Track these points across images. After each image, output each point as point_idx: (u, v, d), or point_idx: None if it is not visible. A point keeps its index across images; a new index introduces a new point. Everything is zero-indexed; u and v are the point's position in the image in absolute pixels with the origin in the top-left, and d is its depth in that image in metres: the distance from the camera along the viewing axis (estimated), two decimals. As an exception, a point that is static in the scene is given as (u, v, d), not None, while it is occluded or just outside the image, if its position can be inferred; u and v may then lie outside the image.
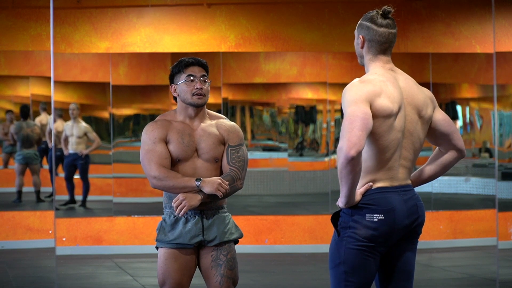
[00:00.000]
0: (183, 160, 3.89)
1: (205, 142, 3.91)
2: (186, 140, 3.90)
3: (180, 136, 3.90)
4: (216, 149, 3.92)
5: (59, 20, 8.84)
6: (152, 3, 9.09)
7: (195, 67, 3.94)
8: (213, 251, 3.90)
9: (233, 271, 3.92)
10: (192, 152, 3.91)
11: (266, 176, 10.19)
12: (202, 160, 3.91)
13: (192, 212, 3.89)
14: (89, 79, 9.59)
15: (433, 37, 9.30)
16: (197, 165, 3.90)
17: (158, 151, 3.87)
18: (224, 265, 3.89)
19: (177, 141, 3.89)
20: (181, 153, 3.88)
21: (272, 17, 9.17)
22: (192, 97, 3.91)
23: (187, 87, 3.91)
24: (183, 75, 3.92)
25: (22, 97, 9.99)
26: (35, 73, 9.73)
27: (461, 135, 10.29)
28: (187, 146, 3.89)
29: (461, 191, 10.04)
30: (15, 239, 9.04)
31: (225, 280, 3.89)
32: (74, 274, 7.61)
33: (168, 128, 3.92)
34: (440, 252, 8.74)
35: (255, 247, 8.87)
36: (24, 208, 9.59)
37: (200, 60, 3.96)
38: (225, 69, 9.37)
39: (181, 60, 3.96)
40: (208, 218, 3.90)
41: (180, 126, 3.93)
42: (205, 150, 3.91)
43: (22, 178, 9.82)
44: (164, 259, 3.88)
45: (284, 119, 10.08)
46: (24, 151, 9.80)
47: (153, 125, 3.92)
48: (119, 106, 9.40)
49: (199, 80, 3.92)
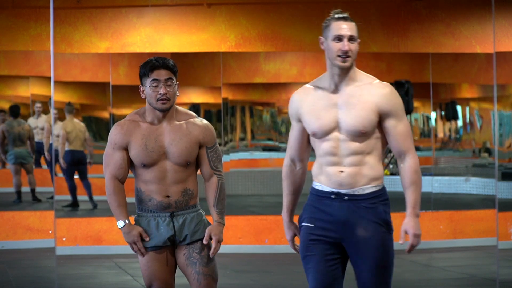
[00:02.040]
0: (149, 165, 3.86)
1: (177, 146, 3.87)
2: (150, 145, 3.86)
3: (144, 141, 3.86)
4: (189, 153, 3.89)
5: (59, 20, 8.84)
6: (152, 3, 9.09)
7: (160, 70, 3.84)
8: (185, 249, 3.92)
9: (209, 268, 3.92)
10: (159, 156, 3.86)
11: (266, 176, 10.19)
12: (172, 163, 3.88)
13: (162, 214, 3.90)
14: (89, 79, 9.59)
15: (433, 37, 9.30)
16: (166, 168, 3.87)
17: (114, 158, 3.90)
18: (199, 262, 3.91)
19: (139, 148, 3.85)
20: (145, 158, 3.85)
21: (272, 17, 9.17)
22: (156, 102, 3.85)
23: (152, 92, 3.85)
24: (148, 79, 3.86)
25: (22, 97, 9.99)
26: (35, 73, 9.73)
27: (461, 135, 10.32)
28: (152, 151, 3.85)
29: (461, 191, 10.04)
30: (15, 239, 9.04)
31: (203, 278, 3.90)
32: (74, 274, 7.61)
33: (132, 133, 3.88)
34: (440, 252, 8.74)
35: (255, 247, 8.87)
36: (24, 208, 9.59)
37: (166, 62, 3.86)
38: (225, 69, 9.37)
39: (147, 62, 3.87)
40: (178, 218, 3.91)
41: (146, 130, 3.89)
42: (177, 154, 3.87)
43: (19, 178, 9.80)
44: (146, 262, 3.91)
45: (284, 119, 10.08)
46: (16, 150, 9.78)
47: (117, 129, 3.91)
48: (119, 106, 9.40)
49: (164, 84, 3.84)
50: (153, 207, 3.90)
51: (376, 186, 3.51)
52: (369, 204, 3.49)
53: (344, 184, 3.49)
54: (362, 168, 3.49)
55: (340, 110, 3.50)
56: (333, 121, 3.50)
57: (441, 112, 10.17)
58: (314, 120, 3.52)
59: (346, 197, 3.50)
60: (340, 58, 3.47)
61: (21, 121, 9.85)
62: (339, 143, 3.50)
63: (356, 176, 3.49)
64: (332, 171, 3.51)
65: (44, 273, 7.68)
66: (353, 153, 3.49)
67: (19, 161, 9.78)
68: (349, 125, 3.47)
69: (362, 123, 3.46)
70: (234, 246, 8.83)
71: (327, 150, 3.51)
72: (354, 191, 3.50)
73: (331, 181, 3.52)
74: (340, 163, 3.50)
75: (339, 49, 3.47)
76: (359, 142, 3.48)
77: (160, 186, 3.87)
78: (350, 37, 3.49)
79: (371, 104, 3.47)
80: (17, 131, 9.79)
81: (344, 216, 3.50)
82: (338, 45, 3.48)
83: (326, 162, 3.53)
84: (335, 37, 3.50)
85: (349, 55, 3.47)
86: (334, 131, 3.50)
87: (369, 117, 3.46)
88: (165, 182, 3.87)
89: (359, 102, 3.48)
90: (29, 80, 9.89)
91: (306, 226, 3.61)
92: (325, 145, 3.52)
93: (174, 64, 3.90)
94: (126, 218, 3.89)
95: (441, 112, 10.18)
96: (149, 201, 3.90)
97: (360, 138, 3.48)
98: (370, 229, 3.47)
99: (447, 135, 10.28)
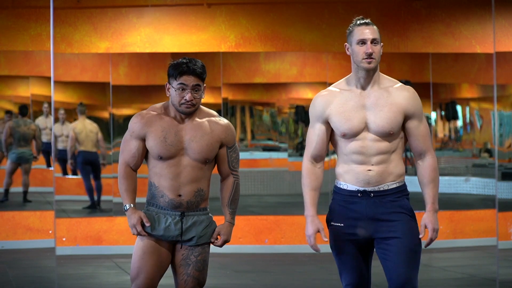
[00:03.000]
0: (166, 158, 3.86)
1: (198, 143, 3.87)
2: (170, 139, 3.86)
3: (164, 134, 3.86)
4: (209, 150, 3.89)
5: (59, 20, 8.84)
6: (152, 3, 9.09)
7: (189, 76, 3.84)
8: (185, 250, 3.92)
9: (200, 272, 3.93)
10: (177, 151, 3.86)
11: (266, 176, 10.19)
12: (190, 159, 3.87)
13: (173, 212, 3.90)
14: (89, 79, 9.59)
15: (433, 37, 9.30)
16: (183, 163, 3.87)
17: (130, 146, 3.92)
18: (193, 265, 3.91)
19: (158, 139, 3.85)
20: (163, 151, 3.85)
21: (272, 17, 9.17)
22: (180, 106, 3.86)
23: (177, 96, 3.85)
24: (176, 82, 3.85)
25: (22, 97, 9.99)
26: (35, 73, 9.73)
27: (461, 135, 10.32)
28: (171, 145, 3.85)
29: (461, 191, 10.04)
30: (15, 239, 9.04)
31: (191, 280, 3.91)
32: (74, 274, 7.61)
33: (152, 124, 3.88)
34: (440, 252, 8.74)
35: (255, 247, 8.87)
36: (24, 208, 9.58)
37: (196, 70, 3.84)
38: (225, 69, 9.37)
39: (178, 64, 3.85)
40: (188, 219, 3.91)
41: (167, 123, 3.89)
42: (197, 150, 3.87)
43: (11, 177, 9.79)
44: (142, 253, 3.89)
45: (284, 119, 10.08)
46: (19, 149, 9.77)
47: (138, 118, 3.92)
48: (119, 106, 9.40)
49: (191, 90, 3.84)
50: (164, 204, 3.89)
51: (399, 182, 3.72)
52: (394, 198, 3.69)
53: (371, 182, 3.68)
54: (388, 166, 3.68)
55: (368, 112, 3.69)
56: (362, 122, 3.68)
57: (441, 112, 10.18)
58: (344, 121, 3.69)
59: (372, 194, 3.68)
60: (365, 61, 3.67)
61: (28, 121, 9.84)
62: (367, 142, 3.67)
63: (383, 174, 3.67)
64: (360, 170, 3.68)
65: (44, 273, 7.68)
66: (380, 152, 3.67)
67: (18, 161, 9.77)
68: (379, 126, 3.66)
69: (391, 124, 3.67)
70: (234, 246, 8.83)
71: (356, 150, 3.68)
72: (380, 188, 3.68)
73: (359, 180, 3.69)
74: (368, 162, 3.67)
75: (364, 52, 3.67)
76: (386, 141, 3.68)
77: (174, 183, 3.86)
78: (373, 40, 3.69)
79: (398, 106, 3.69)
80: (22, 131, 9.79)
81: (372, 212, 3.67)
82: (362, 48, 3.68)
83: (353, 160, 3.69)
84: (358, 41, 3.69)
85: (373, 57, 3.67)
86: (363, 132, 3.68)
87: (396, 119, 3.68)
88: (179, 179, 3.87)
89: (387, 104, 3.69)
90: (29, 80, 9.89)
91: (336, 225, 3.76)
92: (353, 145, 3.69)
93: (204, 71, 3.89)
94: (131, 202, 3.89)
95: (441, 112, 10.18)
96: (161, 197, 3.89)
97: (388, 138, 3.67)
98: (397, 217, 3.66)
99: (447, 135, 10.28)
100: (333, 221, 3.76)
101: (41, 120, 9.93)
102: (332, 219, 3.77)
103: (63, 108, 9.85)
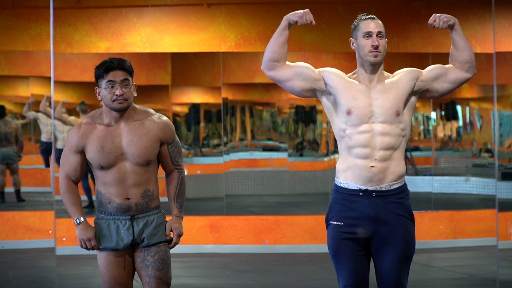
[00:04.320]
0: (107, 167, 3.84)
1: (136, 146, 3.84)
2: (107, 147, 3.83)
3: (100, 144, 3.83)
4: (149, 152, 3.86)
5: (59, 20, 8.84)
6: (152, 3, 9.08)
7: (116, 71, 3.83)
8: (141, 252, 3.90)
9: (161, 271, 3.88)
10: (117, 158, 3.83)
11: (266, 176, 10.19)
12: (131, 164, 3.84)
13: (123, 217, 3.88)
14: (89, 79, 9.55)
15: (433, 37, 9.30)
16: (126, 169, 3.84)
17: (70, 160, 3.90)
18: (152, 266, 3.88)
19: (96, 150, 3.83)
20: (102, 160, 3.82)
21: (272, 17, 9.17)
22: (112, 103, 3.83)
23: (108, 93, 3.84)
24: (104, 80, 3.85)
25: (22, 97, 9.99)
26: (35, 73, 9.73)
27: (461, 135, 10.32)
28: (109, 153, 3.83)
29: (461, 191, 10.03)
30: (15, 239, 9.04)
31: (154, 281, 3.87)
32: (74, 274, 7.61)
33: (88, 135, 3.86)
34: (440, 252, 8.73)
35: (255, 247, 8.86)
36: (24, 208, 9.58)
37: (122, 63, 3.84)
38: (225, 69, 9.37)
39: (103, 63, 3.87)
40: (139, 222, 3.88)
41: (102, 132, 3.86)
42: (136, 154, 3.83)
43: (3, 178, 9.77)
44: (106, 265, 3.90)
45: (284, 119, 10.08)
46: (2, 149, 9.75)
47: (75, 132, 3.89)
48: (119, 106, 9.38)
49: (120, 85, 3.82)
50: (113, 209, 3.87)
51: (400, 182, 3.69)
52: (396, 199, 3.67)
53: (373, 180, 3.64)
54: (390, 163, 3.65)
55: (375, 102, 3.67)
56: (369, 106, 3.66)
57: (441, 112, 10.17)
58: (351, 99, 3.67)
59: (374, 193, 3.65)
60: (371, 54, 3.66)
61: (8, 121, 9.81)
62: (373, 135, 3.64)
63: (385, 172, 3.64)
64: (363, 165, 3.65)
65: (44, 273, 7.68)
66: (384, 147, 3.64)
67: (5, 162, 9.75)
68: (386, 109, 3.65)
69: (398, 104, 3.66)
70: (234, 246, 8.83)
71: (361, 143, 3.65)
72: (382, 188, 3.65)
73: (360, 177, 3.65)
74: (372, 156, 3.64)
75: (370, 44, 3.67)
76: (390, 136, 3.65)
77: (120, 188, 3.84)
78: (378, 32, 3.69)
79: (403, 85, 3.72)
80: (3, 131, 9.76)
81: (374, 212, 3.64)
82: (368, 41, 3.68)
83: (357, 155, 3.65)
84: (364, 34, 3.68)
85: (379, 50, 3.67)
86: (369, 123, 3.65)
87: (402, 97, 3.69)
88: (124, 184, 3.84)
89: (395, 87, 3.71)
90: (29, 80, 9.89)
91: (335, 224, 3.72)
92: (359, 137, 3.65)
93: (130, 65, 3.88)
94: (82, 216, 3.89)
95: (441, 112, 10.18)
96: (108, 203, 3.86)
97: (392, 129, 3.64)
98: (398, 221, 3.65)
99: (447, 135, 10.28)
100: (333, 220, 3.72)
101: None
102: (331, 218, 3.74)
103: (65, 108, 9.84)
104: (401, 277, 3.66)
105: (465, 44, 3.79)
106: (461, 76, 3.75)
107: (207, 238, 8.73)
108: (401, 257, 3.65)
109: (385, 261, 3.64)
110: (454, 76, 3.75)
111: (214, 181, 9.78)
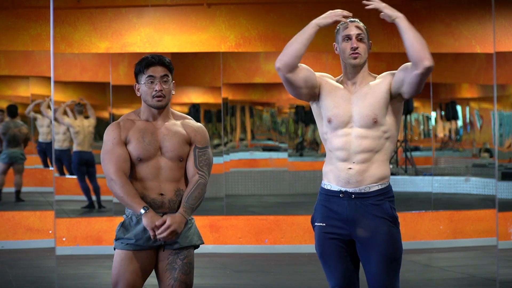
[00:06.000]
0: (145, 159, 3.84)
1: (169, 141, 3.86)
2: (147, 138, 3.85)
3: (141, 135, 3.85)
4: (181, 148, 3.87)
5: (59, 20, 8.84)
6: (152, 3, 9.09)
7: (156, 67, 3.85)
8: (171, 255, 3.86)
9: (187, 276, 3.86)
10: (155, 151, 3.85)
11: (266, 176, 10.19)
12: (166, 159, 3.85)
13: None
14: (89, 79, 9.59)
15: (433, 37, 9.30)
16: (161, 164, 3.85)
17: (116, 153, 3.84)
18: (179, 269, 3.85)
19: (137, 140, 3.84)
20: (142, 152, 3.83)
21: (272, 17, 9.17)
22: (152, 99, 3.85)
23: (147, 89, 3.85)
24: (144, 75, 3.87)
25: (22, 97, 9.99)
26: (35, 73, 9.73)
27: (461, 135, 10.32)
28: (149, 144, 3.84)
29: (461, 191, 10.04)
30: (15, 239, 9.04)
31: (178, 284, 3.84)
32: (74, 274, 7.61)
33: (130, 128, 3.88)
34: (440, 252, 8.73)
35: (255, 247, 8.87)
36: (24, 208, 9.58)
37: (162, 59, 3.86)
38: (225, 69, 9.37)
39: (143, 59, 3.89)
40: None
41: (142, 125, 3.89)
42: (169, 148, 3.85)
43: (3, 177, 9.78)
44: (120, 260, 3.83)
45: (284, 119, 10.08)
46: (10, 150, 9.76)
47: (114, 126, 3.89)
48: (119, 106, 9.40)
49: (160, 81, 3.84)
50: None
51: (381, 185, 3.68)
52: (375, 201, 3.66)
53: (351, 181, 3.65)
54: (370, 166, 3.65)
55: (354, 106, 3.68)
56: (348, 112, 3.67)
57: (441, 112, 10.18)
58: (333, 107, 3.69)
59: (353, 195, 3.65)
60: (351, 56, 3.69)
61: (19, 123, 9.82)
62: (351, 138, 3.65)
63: (363, 174, 3.64)
64: (342, 167, 3.66)
65: (44, 273, 7.68)
66: (363, 150, 3.64)
67: (11, 162, 9.76)
68: (363, 116, 3.64)
69: (373, 111, 3.64)
70: (234, 246, 8.83)
71: (340, 146, 3.67)
72: (361, 190, 3.65)
73: (340, 179, 3.67)
74: (350, 159, 3.65)
75: (349, 47, 3.70)
76: (370, 139, 3.64)
77: (154, 183, 3.84)
78: (358, 35, 3.72)
79: (382, 89, 3.68)
80: (12, 133, 9.77)
81: (352, 213, 3.65)
82: (348, 44, 3.72)
83: (337, 157, 3.68)
84: (344, 37, 3.74)
85: (359, 52, 3.68)
86: (347, 127, 3.66)
87: (379, 104, 3.66)
88: (159, 179, 3.84)
89: (369, 92, 3.68)
90: (29, 80, 9.89)
91: (319, 225, 3.76)
92: (338, 141, 3.67)
93: (170, 62, 3.90)
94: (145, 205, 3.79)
95: (441, 112, 10.18)
96: (142, 199, 3.82)
97: (372, 133, 3.64)
98: (377, 223, 3.64)
99: (447, 135, 10.28)
100: (317, 221, 3.77)
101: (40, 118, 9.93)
102: (316, 219, 3.79)
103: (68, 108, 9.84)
104: (390, 279, 3.65)
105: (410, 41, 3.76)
106: (414, 75, 3.64)
107: (207, 238, 8.73)
108: (385, 259, 3.63)
109: (371, 264, 3.64)
110: (410, 79, 3.66)
111: (214, 181, 9.77)
